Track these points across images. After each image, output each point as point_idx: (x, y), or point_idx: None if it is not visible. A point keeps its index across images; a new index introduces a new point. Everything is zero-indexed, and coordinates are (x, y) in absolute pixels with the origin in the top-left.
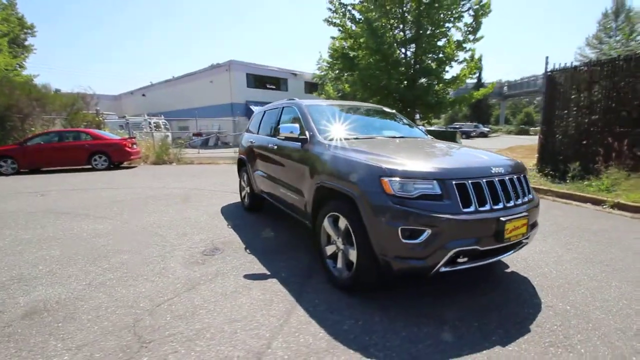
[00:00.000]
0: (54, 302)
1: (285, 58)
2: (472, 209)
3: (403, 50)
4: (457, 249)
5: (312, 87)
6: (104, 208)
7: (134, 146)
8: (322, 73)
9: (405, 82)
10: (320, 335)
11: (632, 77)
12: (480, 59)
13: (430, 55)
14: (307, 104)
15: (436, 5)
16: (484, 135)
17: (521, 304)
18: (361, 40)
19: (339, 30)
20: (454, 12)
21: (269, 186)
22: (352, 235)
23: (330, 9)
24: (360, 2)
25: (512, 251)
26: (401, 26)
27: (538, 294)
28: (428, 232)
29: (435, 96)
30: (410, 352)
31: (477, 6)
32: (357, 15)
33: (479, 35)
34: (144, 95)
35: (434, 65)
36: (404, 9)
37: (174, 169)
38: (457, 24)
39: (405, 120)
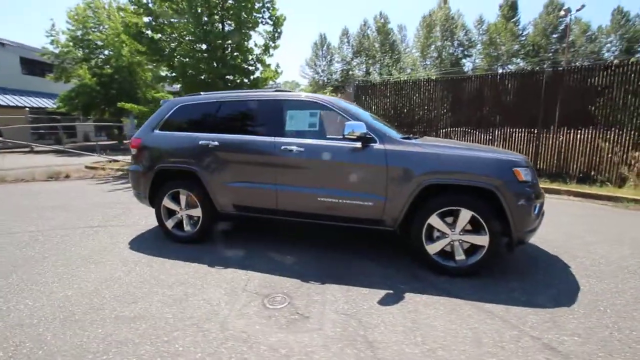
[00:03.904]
0: None
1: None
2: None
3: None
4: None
5: (37, 67)
6: None
7: None
8: (59, 49)
9: (220, 79)
10: (532, 310)
11: (403, 95)
12: (278, 66)
13: (237, 55)
14: (333, 99)
15: (237, 6)
16: None
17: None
18: (166, 21)
19: (130, 1)
20: (255, 16)
21: (273, 198)
22: (483, 223)
23: None
24: None
25: None
26: (214, 17)
27: None
28: (538, 205)
29: None
30: (570, 289)
31: (275, 17)
32: None
33: (278, 42)
34: None
35: (243, 65)
36: (210, 3)
37: None
38: (257, 29)
39: None
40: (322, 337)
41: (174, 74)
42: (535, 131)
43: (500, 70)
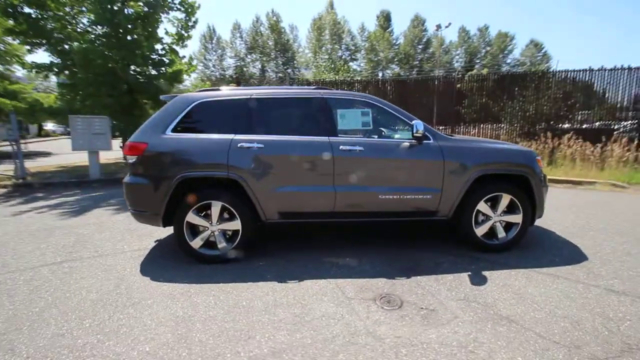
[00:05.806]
0: None
1: None
2: None
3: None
4: None
5: None
6: None
7: None
8: None
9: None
10: (571, 267)
11: None
12: (192, 58)
13: (147, 43)
14: (380, 99)
15: None
16: None
17: None
18: None
19: None
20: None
21: (331, 201)
22: (519, 205)
23: None
24: None
25: None
26: None
27: None
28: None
29: (163, 93)
30: (574, 248)
31: (187, 4)
32: None
33: (191, 32)
34: None
35: (152, 55)
36: None
37: None
38: (168, 16)
39: None
40: (468, 324)
41: (68, 62)
42: (450, 126)
43: (380, 75)
